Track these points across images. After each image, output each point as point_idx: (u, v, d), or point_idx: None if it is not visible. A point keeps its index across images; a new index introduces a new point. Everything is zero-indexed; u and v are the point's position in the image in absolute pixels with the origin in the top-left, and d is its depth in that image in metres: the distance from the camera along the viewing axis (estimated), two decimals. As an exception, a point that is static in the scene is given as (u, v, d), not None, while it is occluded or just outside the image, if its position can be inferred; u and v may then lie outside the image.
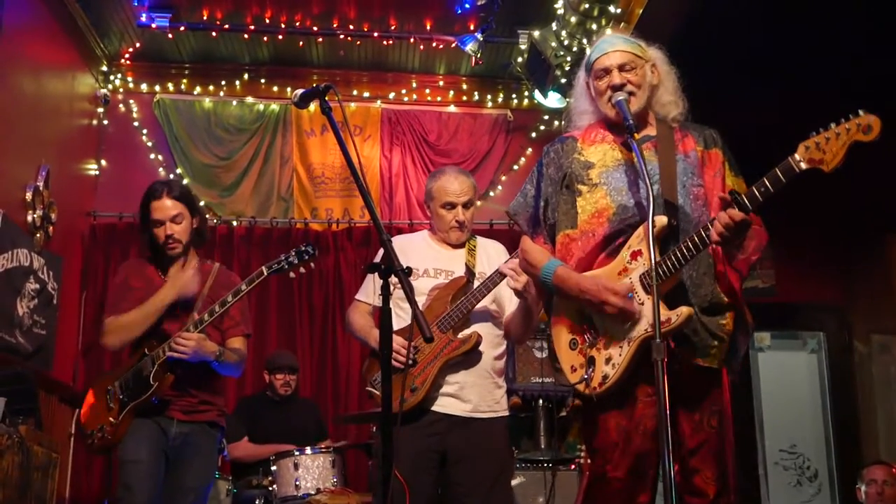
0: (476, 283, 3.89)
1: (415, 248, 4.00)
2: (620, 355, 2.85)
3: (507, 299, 3.93)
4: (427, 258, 3.99)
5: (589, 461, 3.20)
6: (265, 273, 3.94)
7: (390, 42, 7.25)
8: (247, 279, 3.96)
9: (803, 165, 2.56)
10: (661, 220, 2.81)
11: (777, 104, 6.25)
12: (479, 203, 4.16)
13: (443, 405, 3.77)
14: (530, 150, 7.74)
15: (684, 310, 2.73)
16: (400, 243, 3.99)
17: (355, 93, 7.68)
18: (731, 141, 3.11)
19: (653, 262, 2.61)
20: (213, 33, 7.10)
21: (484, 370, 3.84)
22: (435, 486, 3.76)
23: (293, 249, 3.98)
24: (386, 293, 2.72)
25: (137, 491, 3.86)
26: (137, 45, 7.28)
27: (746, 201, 2.65)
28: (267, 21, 7.01)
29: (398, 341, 3.62)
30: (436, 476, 3.76)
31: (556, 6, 6.40)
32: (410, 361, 3.72)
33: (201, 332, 3.93)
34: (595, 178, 3.04)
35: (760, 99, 6.41)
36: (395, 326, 3.83)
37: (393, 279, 3.70)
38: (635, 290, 2.86)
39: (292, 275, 4.01)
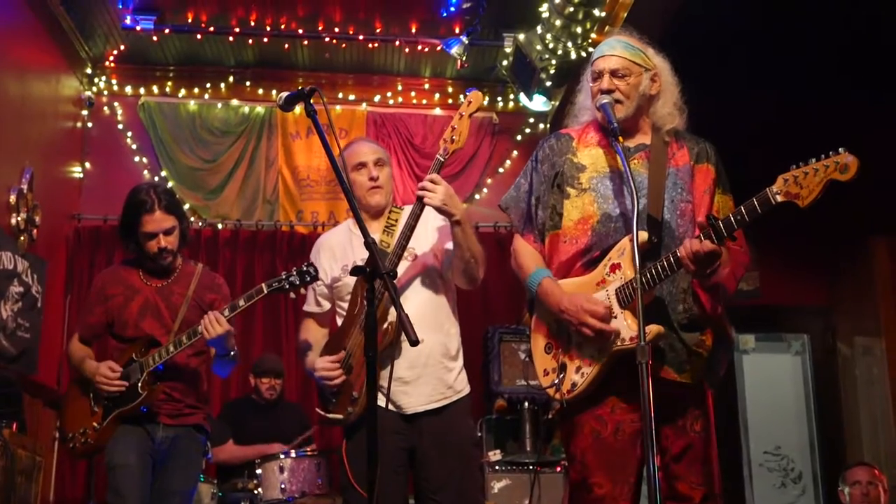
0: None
1: (339, 244, 3.73)
2: (590, 367, 2.87)
3: (439, 258, 3.60)
4: (350, 251, 3.65)
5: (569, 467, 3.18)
6: (265, 291, 3.82)
7: (376, 45, 7.26)
8: (245, 295, 3.88)
9: (780, 198, 2.57)
10: (642, 235, 2.79)
11: (758, 108, 6.28)
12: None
13: (394, 402, 3.47)
14: (516, 152, 7.76)
15: (653, 328, 2.71)
16: (326, 241, 3.79)
17: (340, 95, 7.68)
18: (713, 146, 3.11)
19: (637, 274, 2.60)
20: (198, 36, 7.09)
21: (430, 357, 3.53)
22: (407, 486, 3.52)
23: (294, 269, 3.76)
24: (371, 296, 2.71)
25: (128, 496, 3.84)
26: (122, 47, 7.26)
27: (723, 229, 2.64)
28: (252, 24, 7.01)
29: (322, 363, 3.47)
30: (406, 476, 3.52)
31: (541, 9, 6.42)
32: (345, 371, 3.46)
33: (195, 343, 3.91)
34: (585, 182, 3.03)
35: (742, 103, 6.44)
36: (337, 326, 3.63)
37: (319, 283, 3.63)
38: (612, 308, 2.85)
39: (292, 295, 3.81)
